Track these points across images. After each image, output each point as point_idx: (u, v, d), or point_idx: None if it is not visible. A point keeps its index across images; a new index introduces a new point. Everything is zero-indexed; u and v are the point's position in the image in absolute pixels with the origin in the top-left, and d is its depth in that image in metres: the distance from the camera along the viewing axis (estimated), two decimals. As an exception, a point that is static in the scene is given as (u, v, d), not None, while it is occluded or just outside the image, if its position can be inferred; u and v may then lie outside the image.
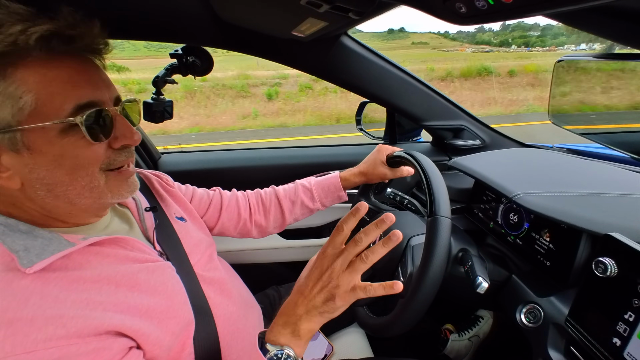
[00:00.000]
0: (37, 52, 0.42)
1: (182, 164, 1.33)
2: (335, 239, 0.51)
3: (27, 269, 0.40)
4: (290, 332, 0.49)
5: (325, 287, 0.49)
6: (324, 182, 0.92)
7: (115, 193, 0.51)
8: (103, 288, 0.46)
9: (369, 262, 0.49)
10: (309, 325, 0.49)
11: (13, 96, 0.41)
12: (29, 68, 0.42)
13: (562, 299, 0.65)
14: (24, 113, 0.42)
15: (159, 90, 1.04)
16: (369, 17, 0.67)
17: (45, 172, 0.45)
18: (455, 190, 1.02)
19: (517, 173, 0.89)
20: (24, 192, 0.46)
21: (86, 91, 0.46)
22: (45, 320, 0.39)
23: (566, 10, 0.35)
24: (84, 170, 0.47)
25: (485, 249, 0.89)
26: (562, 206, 0.68)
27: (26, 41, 0.41)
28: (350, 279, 0.49)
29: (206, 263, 0.67)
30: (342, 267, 0.49)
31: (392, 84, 1.14)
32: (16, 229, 0.45)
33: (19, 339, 0.37)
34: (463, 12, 0.44)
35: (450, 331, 1.12)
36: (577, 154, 1.09)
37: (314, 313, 0.49)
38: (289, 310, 0.51)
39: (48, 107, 0.43)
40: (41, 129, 0.43)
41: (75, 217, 0.51)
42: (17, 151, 0.43)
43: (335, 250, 0.50)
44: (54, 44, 0.43)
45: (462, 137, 1.27)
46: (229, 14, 0.86)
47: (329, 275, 0.49)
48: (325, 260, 0.50)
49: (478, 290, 0.65)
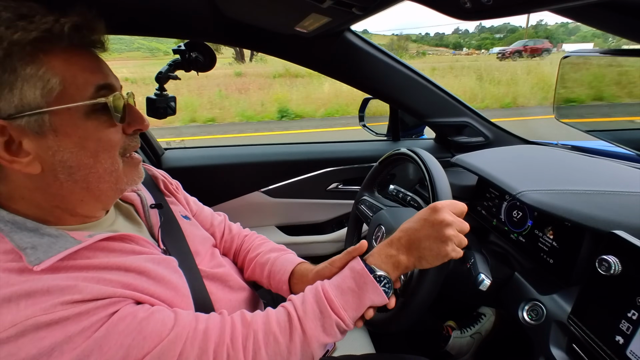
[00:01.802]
0: (66, 41, 0.45)
1: (185, 160, 1.33)
2: (461, 208, 0.60)
3: (35, 266, 0.41)
4: (392, 264, 0.57)
5: (438, 235, 0.55)
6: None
7: (130, 178, 0.54)
8: (113, 271, 0.48)
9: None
10: (407, 261, 0.57)
11: (43, 79, 0.44)
12: (57, 54, 0.45)
13: (565, 297, 0.65)
14: (52, 95, 0.44)
15: (162, 86, 1.04)
16: (373, 12, 0.66)
17: (69, 155, 0.47)
18: (458, 187, 1.02)
19: (521, 170, 0.89)
20: (39, 180, 0.47)
21: (102, 75, 0.49)
22: (61, 290, 0.41)
23: (572, 6, 0.35)
24: (106, 153, 0.49)
25: (488, 246, 0.89)
26: (566, 204, 0.68)
27: (60, 29, 0.44)
28: (461, 239, 0.57)
29: (210, 260, 0.68)
30: (461, 228, 0.57)
31: (396, 80, 1.13)
32: (23, 226, 0.45)
33: (38, 305, 0.39)
34: (468, 7, 0.44)
35: (453, 328, 1.12)
36: (582, 151, 1.08)
37: (415, 254, 0.56)
38: (392, 244, 0.58)
39: (73, 89, 0.46)
40: (67, 110, 0.45)
41: (85, 205, 0.52)
42: (43, 134, 0.45)
43: (456, 217, 0.58)
44: (84, 33, 0.47)
45: (465, 134, 1.27)
46: (232, 9, 0.86)
47: (446, 225, 0.56)
48: (448, 215, 0.57)
49: (480, 288, 0.65)
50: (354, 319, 0.54)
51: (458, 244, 0.57)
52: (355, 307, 0.54)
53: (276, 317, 0.52)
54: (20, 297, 0.39)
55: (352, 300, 0.54)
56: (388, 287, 0.55)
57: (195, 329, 0.48)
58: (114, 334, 0.42)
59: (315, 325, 0.51)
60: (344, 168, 1.33)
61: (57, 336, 0.39)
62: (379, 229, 0.82)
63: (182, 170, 1.28)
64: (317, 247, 1.38)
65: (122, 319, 0.43)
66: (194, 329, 0.48)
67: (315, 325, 0.51)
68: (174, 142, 1.60)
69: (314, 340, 0.51)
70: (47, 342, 0.38)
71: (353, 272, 0.56)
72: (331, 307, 0.52)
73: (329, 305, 0.53)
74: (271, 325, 0.51)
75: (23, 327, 0.38)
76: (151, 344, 0.44)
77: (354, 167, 1.33)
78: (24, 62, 0.42)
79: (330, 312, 0.52)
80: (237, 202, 1.33)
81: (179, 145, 1.46)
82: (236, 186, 1.33)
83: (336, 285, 0.55)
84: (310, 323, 0.51)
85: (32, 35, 0.42)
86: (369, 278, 0.54)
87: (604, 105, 1.09)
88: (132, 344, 0.43)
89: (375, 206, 0.90)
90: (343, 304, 0.53)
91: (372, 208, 0.91)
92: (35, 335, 0.38)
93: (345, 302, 0.53)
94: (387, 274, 0.55)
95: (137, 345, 0.43)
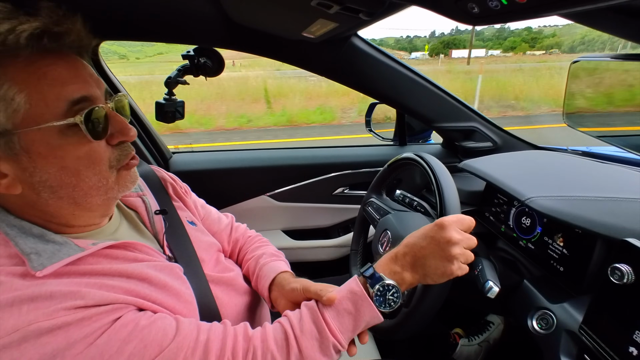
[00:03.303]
0: (27, 52, 0.41)
1: (192, 164, 1.34)
2: (469, 223, 0.58)
3: (38, 272, 0.41)
4: (397, 281, 0.55)
5: (444, 253, 0.54)
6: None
7: (122, 186, 0.51)
8: (115, 277, 0.47)
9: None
10: (412, 279, 0.55)
11: (5, 98, 0.40)
12: (18, 68, 0.41)
13: (576, 306, 0.64)
14: (19, 115, 0.41)
15: (171, 91, 1.05)
16: (380, 17, 0.66)
17: (47, 175, 0.44)
18: (465, 192, 1.01)
19: (530, 176, 0.87)
20: (24, 198, 0.45)
21: (77, 87, 0.44)
22: (63, 295, 0.41)
23: (582, 10, 0.34)
24: (90, 170, 0.46)
25: (496, 253, 0.88)
26: (577, 210, 0.67)
27: (16, 40, 0.39)
28: (468, 256, 0.56)
29: (215, 265, 0.68)
30: (468, 245, 0.56)
31: (403, 85, 1.13)
32: (29, 232, 0.45)
33: (41, 310, 0.39)
34: (475, 12, 0.43)
35: (460, 335, 1.10)
36: (593, 157, 1.06)
37: (420, 272, 0.55)
38: (397, 260, 0.57)
39: (42, 107, 0.42)
40: (38, 130, 0.42)
41: (79, 218, 0.50)
42: (16, 155, 0.42)
43: (463, 234, 0.56)
44: (45, 41, 0.42)
45: (473, 139, 1.26)
46: (240, 15, 0.87)
47: (453, 244, 0.54)
48: (455, 233, 0.55)
49: (488, 295, 0.64)
50: (348, 340, 0.53)
51: (464, 260, 0.56)
52: (351, 329, 0.53)
53: (273, 335, 0.51)
54: (23, 302, 0.39)
55: (348, 322, 0.53)
56: (396, 296, 0.54)
57: (196, 339, 0.47)
58: (116, 341, 0.42)
59: (312, 345, 0.50)
60: (350, 173, 1.33)
61: (59, 342, 0.39)
62: (385, 234, 0.81)
63: (189, 173, 1.29)
64: (322, 252, 1.38)
65: (124, 325, 0.43)
66: (195, 339, 0.47)
67: (312, 345, 0.51)
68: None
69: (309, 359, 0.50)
70: (49, 347, 0.38)
71: (351, 294, 0.54)
72: (328, 329, 0.51)
73: (327, 326, 0.51)
74: (269, 343, 0.50)
75: (25, 333, 0.37)
76: (152, 353, 0.43)
77: (360, 171, 1.33)
78: None
79: (327, 334, 0.51)
80: (243, 206, 1.34)
81: (187, 149, 1.47)
82: (242, 190, 1.33)
83: (334, 306, 0.54)
84: (307, 342, 0.50)
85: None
86: (366, 301, 0.53)
87: (614, 113, 1.08)
88: (133, 351, 0.42)
89: (383, 209, 0.90)
90: (339, 325, 0.52)
91: (379, 211, 0.90)
92: (37, 340, 0.38)
93: (341, 324, 0.52)
94: (395, 284, 0.54)
95: (138, 353, 0.42)
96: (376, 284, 0.53)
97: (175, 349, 0.45)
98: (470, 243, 0.56)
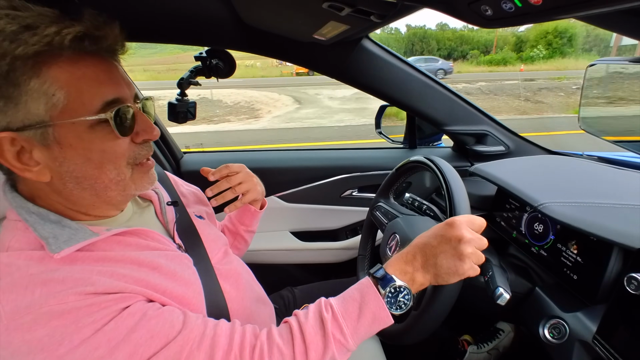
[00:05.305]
0: (69, 52, 0.44)
1: (203, 164, 1.35)
2: (480, 223, 0.58)
3: (55, 254, 0.44)
4: (407, 281, 0.55)
5: (455, 252, 0.54)
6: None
7: (139, 185, 0.54)
8: (126, 265, 0.49)
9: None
10: (423, 279, 0.55)
11: (47, 93, 0.43)
12: (61, 67, 0.44)
13: (590, 315, 0.62)
14: (57, 109, 0.44)
15: (183, 92, 1.07)
16: (391, 20, 0.66)
17: (74, 166, 0.47)
18: (476, 197, 1.00)
19: (543, 181, 0.86)
20: (51, 185, 0.49)
21: (111, 88, 0.48)
22: (74, 281, 0.43)
23: (598, 13, 0.34)
24: (112, 164, 0.50)
25: (507, 259, 0.86)
26: (592, 217, 0.65)
27: (61, 41, 0.43)
28: (479, 256, 0.55)
29: (222, 258, 0.69)
30: (479, 245, 0.55)
31: (414, 88, 1.12)
32: (47, 218, 0.48)
33: (52, 294, 0.41)
34: (489, 14, 0.43)
35: (469, 342, 1.08)
36: (609, 162, 1.04)
37: (431, 271, 0.55)
38: (407, 260, 0.56)
39: (78, 104, 0.45)
40: (72, 124, 0.45)
41: (97, 209, 0.54)
42: (48, 146, 0.46)
43: (474, 234, 0.56)
44: (86, 44, 0.45)
45: (485, 143, 1.24)
46: (252, 17, 0.88)
47: (464, 243, 0.54)
48: (466, 232, 0.55)
49: (499, 302, 0.62)
50: (353, 330, 0.52)
51: (476, 261, 0.55)
52: (356, 317, 0.52)
53: (279, 331, 0.52)
54: (37, 285, 0.41)
55: (352, 309, 0.53)
56: (407, 298, 0.54)
57: (203, 333, 0.48)
58: (123, 329, 0.43)
59: (315, 332, 0.51)
60: (359, 175, 1.33)
61: (68, 325, 0.40)
62: (393, 238, 0.80)
63: (200, 173, 1.30)
64: (330, 254, 1.37)
65: (132, 314, 0.45)
66: (201, 334, 0.48)
67: (315, 331, 0.51)
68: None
69: (312, 347, 0.50)
70: (59, 330, 0.40)
71: (359, 284, 0.55)
72: (332, 312, 0.52)
73: (331, 310, 0.52)
74: (274, 338, 0.51)
75: (37, 315, 0.39)
76: (158, 344, 0.44)
77: (369, 174, 1.33)
78: (27, 77, 0.42)
79: (328, 318, 0.51)
80: None
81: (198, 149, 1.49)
82: None
83: (340, 295, 0.55)
84: (310, 329, 0.51)
85: (34, 48, 0.41)
86: (372, 289, 0.53)
87: (632, 117, 1.05)
88: (139, 341, 0.43)
89: (391, 213, 0.89)
90: (342, 311, 0.52)
91: (388, 215, 0.90)
92: (48, 323, 0.40)
93: (345, 310, 0.53)
94: (406, 285, 0.54)
95: (145, 342, 0.44)
96: (387, 285, 0.53)
97: (182, 341, 0.46)
98: (482, 243, 0.56)
